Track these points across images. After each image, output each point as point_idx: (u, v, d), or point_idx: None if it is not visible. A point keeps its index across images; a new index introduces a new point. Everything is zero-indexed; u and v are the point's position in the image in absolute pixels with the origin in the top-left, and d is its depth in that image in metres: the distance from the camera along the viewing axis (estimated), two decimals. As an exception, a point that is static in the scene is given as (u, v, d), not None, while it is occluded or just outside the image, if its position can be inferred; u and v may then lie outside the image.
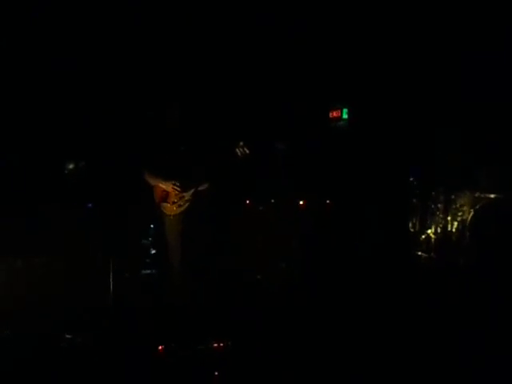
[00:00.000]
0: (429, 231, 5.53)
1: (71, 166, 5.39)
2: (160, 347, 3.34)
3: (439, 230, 5.44)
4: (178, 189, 3.67)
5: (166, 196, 3.75)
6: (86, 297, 4.01)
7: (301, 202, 5.81)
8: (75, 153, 5.36)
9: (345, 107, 6.48)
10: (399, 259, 5.20)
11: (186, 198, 3.70)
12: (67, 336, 3.44)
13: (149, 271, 4.46)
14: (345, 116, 6.50)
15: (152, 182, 3.77)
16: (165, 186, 3.71)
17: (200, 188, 3.73)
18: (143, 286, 4.35)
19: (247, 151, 3.56)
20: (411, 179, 5.73)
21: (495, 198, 5.12)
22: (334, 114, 6.54)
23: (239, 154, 3.56)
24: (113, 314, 3.87)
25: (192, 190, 3.70)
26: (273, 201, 5.76)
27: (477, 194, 5.20)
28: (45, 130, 5.08)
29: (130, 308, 3.98)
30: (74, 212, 4.71)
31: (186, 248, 3.73)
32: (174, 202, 3.72)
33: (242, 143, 3.57)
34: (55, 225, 4.57)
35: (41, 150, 5.09)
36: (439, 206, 5.50)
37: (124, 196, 4.65)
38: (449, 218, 5.40)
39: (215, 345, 3.37)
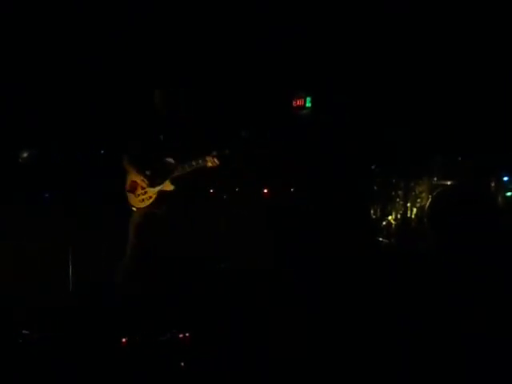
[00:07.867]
0: (389, 217, 5.68)
1: (26, 155, 5.24)
2: (124, 340, 3.33)
3: (399, 216, 5.61)
4: (146, 182, 3.63)
5: (134, 187, 3.70)
6: (44, 291, 3.94)
7: (265, 191, 5.85)
8: (33, 140, 5.22)
9: (308, 96, 6.51)
10: (361, 245, 5.31)
11: (149, 195, 3.65)
12: (24, 332, 3.37)
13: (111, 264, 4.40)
14: (308, 104, 6.53)
15: (128, 168, 3.74)
16: (136, 176, 3.67)
17: (165, 189, 3.65)
18: (105, 279, 4.29)
19: (217, 162, 3.51)
20: (373, 167, 5.86)
21: (451, 184, 5.32)
22: (298, 102, 6.57)
23: (210, 164, 3.51)
24: (74, 308, 3.81)
25: (157, 188, 3.64)
26: (237, 189, 5.77)
27: (434, 181, 5.39)
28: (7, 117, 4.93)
29: (92, 301, 3.94)
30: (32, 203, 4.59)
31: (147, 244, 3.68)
32: (138, 195, 3.69)
33: (215, 153, 3.51)
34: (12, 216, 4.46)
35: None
36: (399, 192, 5.66)
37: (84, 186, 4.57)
38: (408, 205, 5.57)
39: (180, 336, 3.38)
